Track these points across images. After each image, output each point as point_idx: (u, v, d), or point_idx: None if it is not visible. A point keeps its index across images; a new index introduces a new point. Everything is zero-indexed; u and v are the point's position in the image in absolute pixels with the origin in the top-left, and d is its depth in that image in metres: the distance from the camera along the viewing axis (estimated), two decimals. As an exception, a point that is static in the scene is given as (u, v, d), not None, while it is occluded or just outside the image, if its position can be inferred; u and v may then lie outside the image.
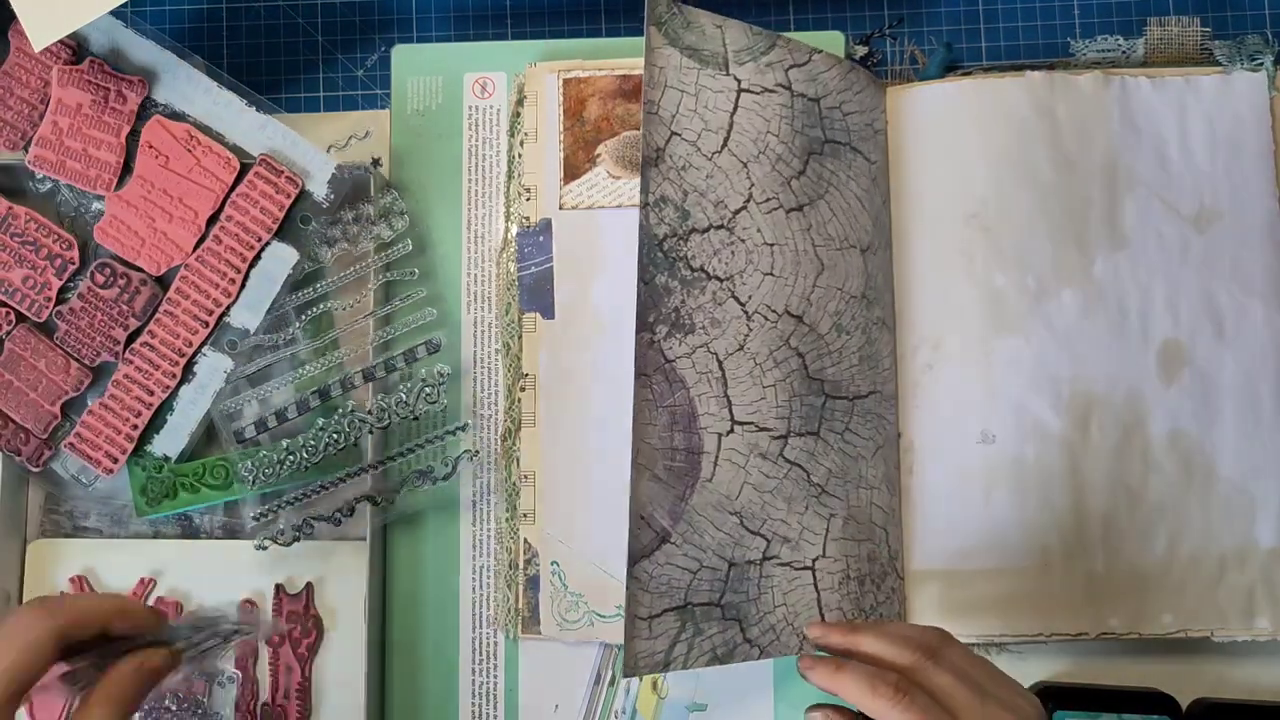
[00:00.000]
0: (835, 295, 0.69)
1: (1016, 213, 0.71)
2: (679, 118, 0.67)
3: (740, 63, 0.68)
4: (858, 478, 0.69)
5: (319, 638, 0.72)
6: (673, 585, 0.63)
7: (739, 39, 0.69)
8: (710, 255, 0.66)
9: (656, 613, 0.63)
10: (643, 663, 0.62)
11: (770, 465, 0.66)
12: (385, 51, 0.78)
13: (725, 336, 0.66)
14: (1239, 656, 0.70)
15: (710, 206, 0.67)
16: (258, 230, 0.71)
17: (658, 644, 0.63)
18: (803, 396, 0.68)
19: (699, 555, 0.64)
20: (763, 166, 0.68)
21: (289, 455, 0.71)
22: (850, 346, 0.69)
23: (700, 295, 0.66)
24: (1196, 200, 0.71)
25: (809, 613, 0.66)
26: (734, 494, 0.65)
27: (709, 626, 0.64)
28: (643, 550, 0.63)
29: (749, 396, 0.66)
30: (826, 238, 0.69)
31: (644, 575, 0.63)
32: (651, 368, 0.64)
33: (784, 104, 0.69)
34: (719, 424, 0.65)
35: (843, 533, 0.68)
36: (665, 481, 0.64)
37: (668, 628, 0.63)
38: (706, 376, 0.65)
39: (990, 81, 0.72)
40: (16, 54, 0.73)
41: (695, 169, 0.66)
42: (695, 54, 0.68)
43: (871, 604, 0.68)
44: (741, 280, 0.67)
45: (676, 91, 0.67)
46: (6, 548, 0.73)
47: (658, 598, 0.63)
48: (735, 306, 0.66)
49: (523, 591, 0.71)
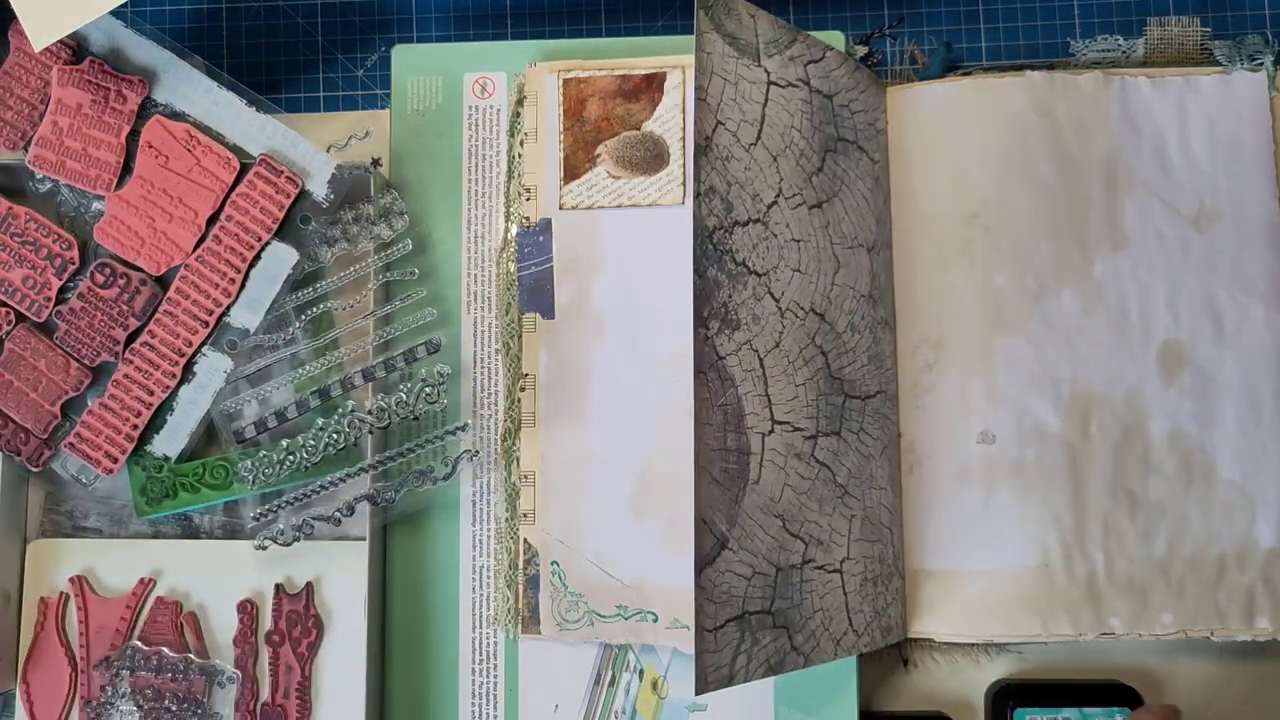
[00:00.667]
0: (849, 294, 0.69)
1: (1017, 213, 0.71)
2: (723, 106, 0.64)
3: (769, 55, 0.67)
4: (870, 478, 0.69)
5: (319, 638, 0.72)
6: (731, 593, 0.60)
7: (768, 30, 0.67)
8: (750, 250, 0.64)
9: (720, 624, 0.59)
10: (711, 677, 0.59)
11: (804, 466, 0.65)
12: (385, 51, 0.78)
13: (764, 334, 0.64)
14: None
15: (749, 199, 0.64)
16: (258, 230, 0.71)
17: (722, 656, 0.59)
18: (827, 396, 0.67)
19: (752, 561, 0.61)
20: (789, 161, 0.67)
21: (289, 455, 0.71)
22: (861, 345, 0.69)
23: (743, 290, 0.63)
24: (1196, 200, 0.71)
25: (840, 616, 0.65)
26: (777, 496, 0.63)
27: (764, 635, 0.61)
28: (706, 558, 0.59)
29: (785, 395, 0.64)
30: (841, 235, 0.69)
31: (708, 584, 0.59)
32: (707, 364, 0.61)
33: (804, 99, 0.68)
34: (762, 424, 0.63)
35: (861, 533, 0.68)
36: (722, 484, 0.61)
37: (730, 639, 0.60)
38: (751, 375, 0.63)
39: (990, 81, 0.72)
40: (16, 54, 0.73)
41: (736, 160, 0.64)
42: (734, 42, 0.65)
43: (882, 605, 0.68)
44: (775, 276, 0.65)
45: (720, 79, 0.64)
46: (6, 548, 0.73)
47: (720, 607, 0.60)
48: (771, 303, 0.64)
49: (523, 591, 0.71)
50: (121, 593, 0.73)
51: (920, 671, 0.72)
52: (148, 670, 0.72)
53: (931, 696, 0.72)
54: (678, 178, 0.73)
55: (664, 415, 0.71)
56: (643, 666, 0.72)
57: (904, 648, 0.72)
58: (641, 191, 0.73)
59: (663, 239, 0.72)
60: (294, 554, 0.72)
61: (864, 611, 0.67)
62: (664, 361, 0.72)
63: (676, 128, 0.73)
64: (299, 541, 0.71)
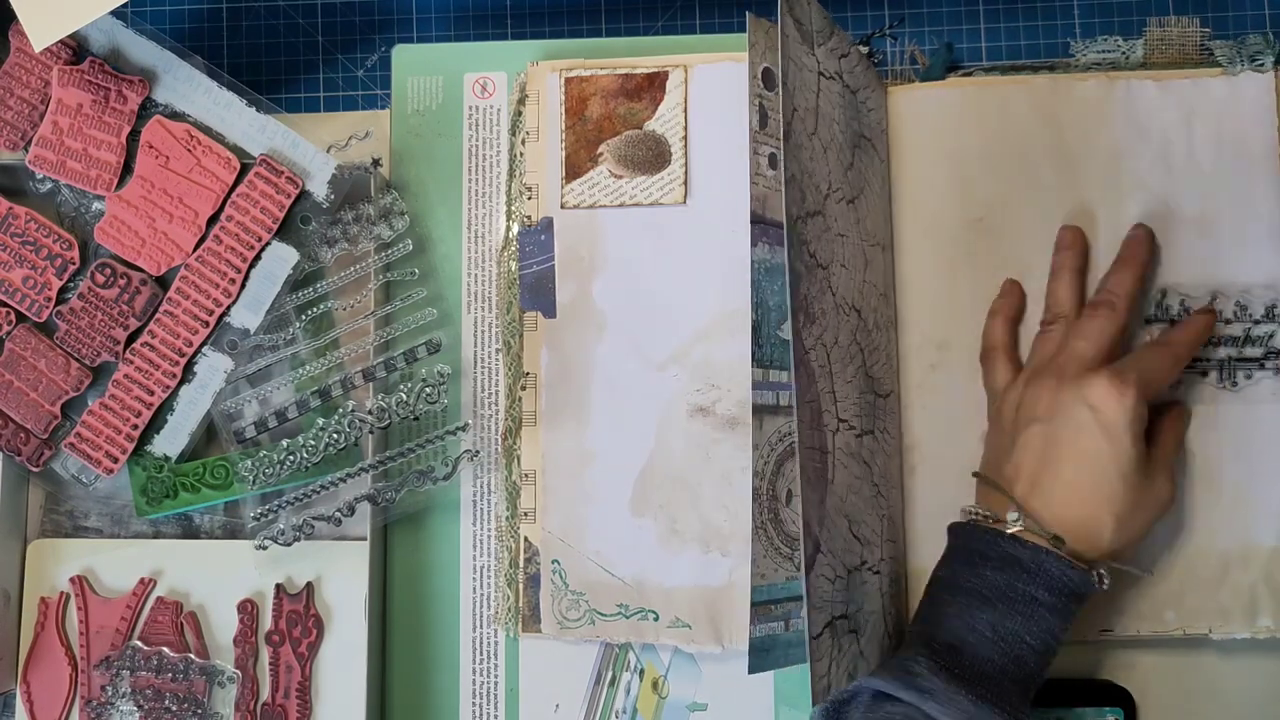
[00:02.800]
0: (874, 291, 0.68)
1: (1019, 216, 0.71)
2: (796, 92, 0.61)
3: (818, 44, 0.65)
4: (891, 477, 0.69)
5: (319, 638, 0.72)
6: (824, 599, 0.58)
7: (818, 20, 0.65)
8: (816, 241, 0.61)
9: (817, 632, 0.56)
10: (818, 688, 0.55)
11: (857, 465, 0.63)
12: (385, 51, 0.78)
13: (830, 328, 0.61)
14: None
15: (813, 189, 0.62)
16: (258, 230, 0.71)
17: (820, 666, 0.56)
18: (865, 394, 0.66)
19: (834, 565, 0.59)
20: (833, 154, 0.65)
21: (289, 455, 0.71)
22: (882, 344, 0.69)
23: (814, 283, 0.60)
24: (1199, 202, 0.71)
25: (877, 619, 0.64)
26: (844, 496, 0.61)
27: (845, 640, 0.59)
28: (809, 562, 0.56)
29: (843, 392, 0.63)
30: (867, 233, 0.68)
31: (811, 590, 0.56)
32: (797, 359, 0.57)
33: (840, 93, 0.67)
34: (832, 421, 0.61)
35: (888, 533, 0.67)
36: (814, 484, 0.58)
37: (826, 646, 0.57)
38: (824, 371, 0.60)
39: (993, 85, 0.72)
40: (16, 54, 0.73)
41: (804, 148, 0.61)
42: (800, 28, 0.63)
43: (901, 605, 0.68)
44: (833, 270, 0.63)
45: (794, 64, 0.61)
46: (6, 547, 0.73)
47: (819, 613, 0.57)
48: (831, 298, 0.62)
49: (523, 590, 0.71)
50: (121, 593, 0.73)
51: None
52: (148, 670, 0.72)
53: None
54: (679, 177, 0.73)
55: (665, 414, 0.71)
56: (643, 666, 0.72)
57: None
58: (643, 191, 0.73)
59: (664, 238, 0.72)
60: (294, 554, 0.72)
61: (893, 613, 0.67)
62: (665, 360, 0.72)
63: (678, 127, 0.73)
64: (299, 541, 0.71)
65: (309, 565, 0.73)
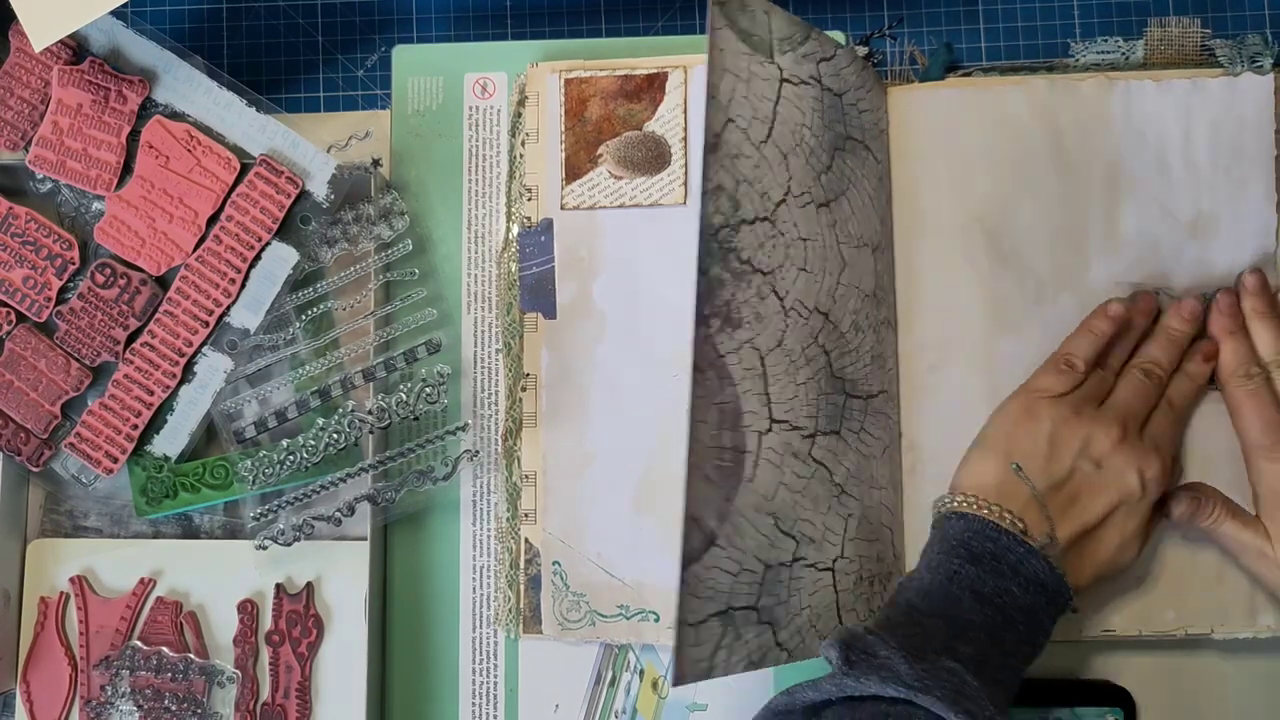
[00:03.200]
0: (854, 293, 0.69)
1: (1017, 217, 0.71)
2: (733, 103, 0.63)
3: (782, 51, 0.66)
4: (870, 478, 0.69)
5: (319, 638, 0.72)
6: (717, 589, 0.60)
7: (782, 27, 0.66)
8: (756, 248, 0.63)
9: (702, 618, 0.60)
10: (690, 670, 0.59)
11: (801, 465, 0.65)
12: (385, 51, 0.78)
13: (766, 332, 0.63)
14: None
15: (757, 197, 0.64)
16: (258, 230, 0.71)
17: (703, 650, 0.60)
18: (828, 395, 0.67)
19: (740, 558, 0.62)
20: (799, 159, 0.66)
21: (289, 455, 0.71)
22: (865, 345, 0.69)
23: (747, 289, 0.63)
24: (1194, 205, 0.71)
25: (829, 615, 0.65)
26: (771, 494, 0.63)
27: (747, 631, 0.62)
28: (692, 554, 0.59)
29: (785, 394, 0.64)
30: (848, 235, 0.68)
31: (693, 580, 0.59)
32: (706, 362, 0.60)
33: (816, 97, 0.68)
34: (760, 422, 0.63)
35: (858, 533, 0.68)
36: (714, 481, 0.61)
37: (712, 634, 0.60)
38: (751, 373, 0.63)
39: (992, 86, 0.72)
40: (16, 54, 0.73)
41: (745, 157, 0.63)
42: (748, 38, 0.65)
43: (879, 604, 0.68)
44: (781, 275, 0.64)
45: (732, 76, 0.63)
46: (6, 547, 0.73)
47: (704, 602, 0.60)
48: (775, 302, 0.64)
49: (524, 591, 0.71)
50: (121, 593, 0.73)
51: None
52: (148, 670, 0.72)
53: (932, 696, 0.72)
54: (679, 178, 0.73)
55: (665, 415, 0.71)
56: (643, 666, 0.72)
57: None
58: (643, 191, 0.73)
59: (664, 239, 0.72)
60: (294, 554, 0.72)
61: (857, 610, 0.67)
62: (665, 361, 0.72)
63: (678, 128, 0.73)
64: (299, 541, 0.71)
65: (309, 565, 0.73)
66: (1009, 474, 0.64)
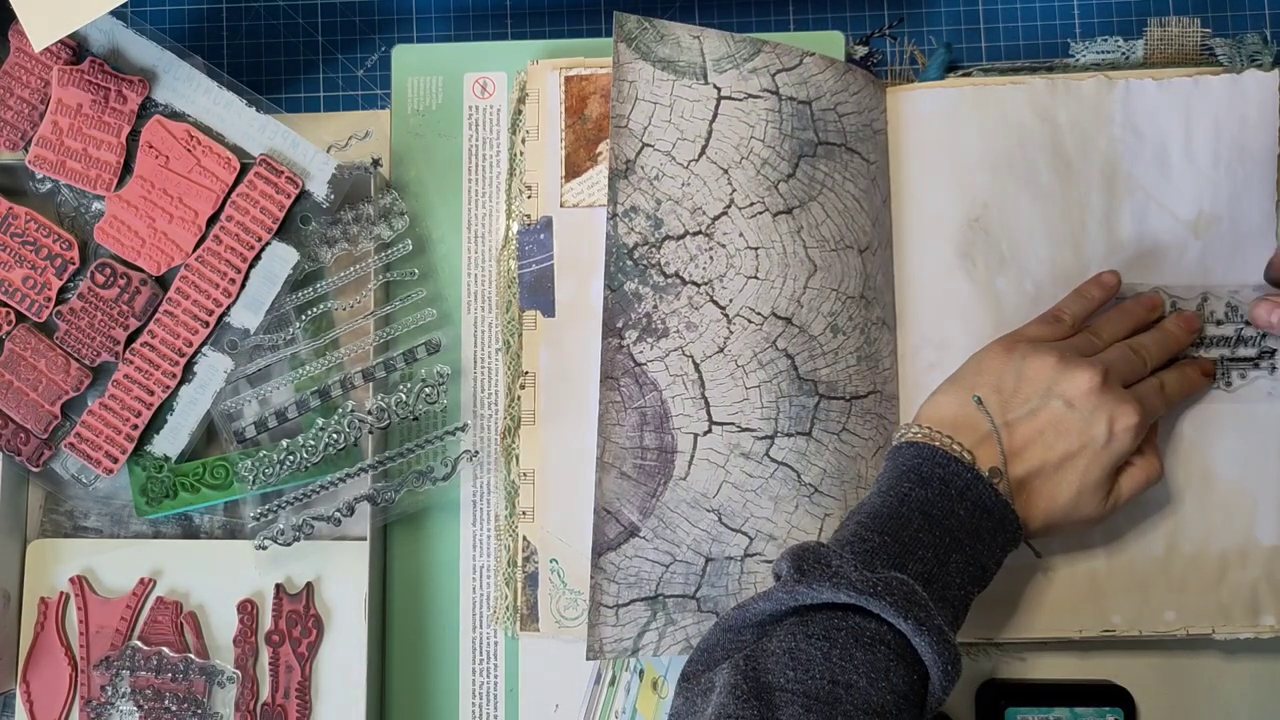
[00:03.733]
0: (830, 296, 0.69)
1: (1016, 217, 0.71)
2: (651, 129, 0.69)
3: (721, 70, 0.69)
4: (856, 478, 0.69)
5: (319, 637, 0.72)
6: (642, 577, 0.67)
7: (718, 48, 0.70)
8: (687, 261, 0.68)
9: (624, 602, 0.67)
10: (608, 648, 0.67)
11: (754, 465, 0.67)
12: (385, 51, 0.78)
13: (703, 339, 0.68)
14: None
15: (686, 213, 0.68)
16: (258, 230, 0.71)
17: (625, 630, 0.67)
18: (792, 397, 0.68)
19: (671, 550, 0.67)
20: (746, 172, 0.68)
21: (289, 455, 0.71)
22: (847, 347, 0.69)
23: (675, 300, 0.68)
24: (1196, 204, 0.71)
25: None
26: (711, 492, 0.67)
27: (683, 617, 0.67)
28: (608, 543, 0.67)
29: (730, 398, 0.67)
30: (820, 239, 0.69)
31: (609, 566, 0.67)
32: (619, 371, 0.68)
33: (770, 108, 0.69)
34: (695, 424, 0.68)
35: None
36: (634, 479, 0.67)
37: (636, 616, 0.67)
38: (681, 379, 0.68)
39: (992, 86, 0.72)
40: (16, 54, 0.73)
41: (670, 178, 0.68)
42: (670, 65, 0.69)
43: None
44: (722, 284, 0.68)
45: (648, 104, 0.69)
46: (6, 548, 0.73)
47: (625, 588, 0.67)
48: (714, 310, 0.68)
49: (521, 589, 0.71)
50: (121, 593, 0.73)
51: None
52: (148, 670, 0.72)
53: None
54: (678, 177, 0.73)
55: (664, 414, 0.72)
56: (643, 666, 0.72)
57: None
58: (642, 190, 0.73)
59: (663, 238, 0.73)
60: (294, 554, 0.72)
61: None
62: (664, 361, 0.72)
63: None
64: (299, 541, 0.71)
65: (309, 565, 0.73)
66: (969, 407, 0.63)
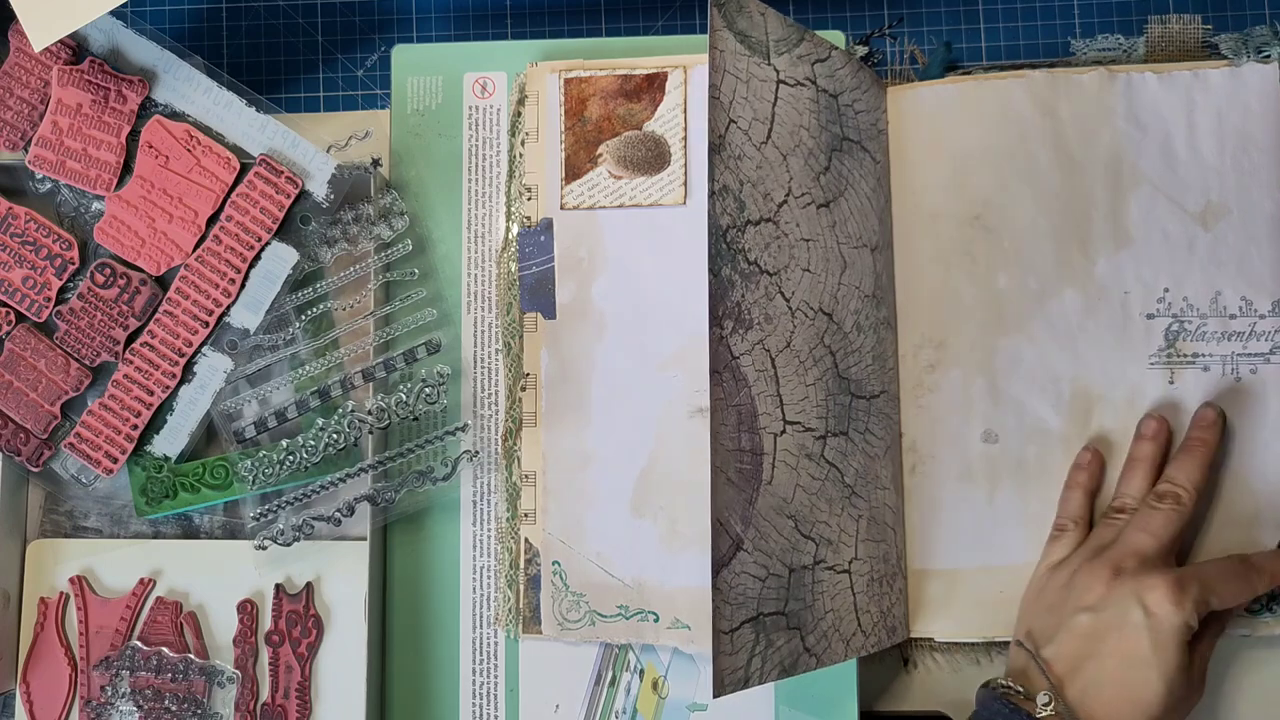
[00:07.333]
0: (855, 294, 0.69)
1: (1018, 213, 0.71)
2: (735, 105, 0.63)
3: (779, 53, 0.66)
4: (875, 478, 0.69)
5: (319, 637, 0.72)
6: (747, 595, 0.60)
7: (778, 28, 0.67)
8: (762, 249, 0.63)
9: (735, 625, 0.59)
10: (728, 680, 0.58)
11: (814, 466, 0.65)
12: (385, 51, 0.78)
13: (776, 333, 0.63)
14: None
15: (760, 198, 0.64)
16: (258, 230, 0.71)
17: (738, 659, 0.59)
18: (835, 395, 0.67)
19: (766, 562, 0.61)
20: (798, 160, 0.66)
21: (289, 455, 0.71)
22: (866, 345, 0.69)
23: (755, 290, 0.62)
24: (1203, 196, 0.71)
25: (849, 617, 0.65)
26: (789, 497, 0.63)
27: (778, 637, 0.61)
28: (721, 559, 0.58)
29: (796, 395, 0.64)
30: (847, 235, 0.68)
31: (724, 585, 0.58)
32: (721, 364, 0.60)
33: (812, 98, 0.68)
34: (774, 424, 0.63)
35: (868, 534, 0.67)
36: (736, 484, 0.60)
37: (745, 641, 0.59)
38: (764, 374, 0.62)
39: (992, 81, 0.72)
40: (16, 54, 0.73)
41: (748, 158, 0.63)
42: (746, 40, 0.65)
43: (887, 605, 0.68)
44: (786, 276, 0.64)
45: (733, 77, 0.63)
46: (6, 548, 0.73)
47: (736, 609, 0.59)
48: (782, 303, 0.64)
49: (524, 591, 0.71)
50: (121, 593, 0.73)
51: (921, 671, 0.72)
52: (148, 670, 0.72)
53: (931, 696, 0.72)
54: (679, 178, 0.73)
55: (665, 415, 0.71)
56: (643, 666, 0.72)
57: (905, 648, 0.72)
58: (643, 191, 0.73)
59: (664, 239, 0.72)
60: (294, 554, 0.72)
61: (871, 612, 0.67)
62: (665, 361, 0.72)
63: (678, 128, 0.73)
64: (299, 541, 0.71)
65: (309, 565, 0.73)
66: (1021, 651, 0.65)
